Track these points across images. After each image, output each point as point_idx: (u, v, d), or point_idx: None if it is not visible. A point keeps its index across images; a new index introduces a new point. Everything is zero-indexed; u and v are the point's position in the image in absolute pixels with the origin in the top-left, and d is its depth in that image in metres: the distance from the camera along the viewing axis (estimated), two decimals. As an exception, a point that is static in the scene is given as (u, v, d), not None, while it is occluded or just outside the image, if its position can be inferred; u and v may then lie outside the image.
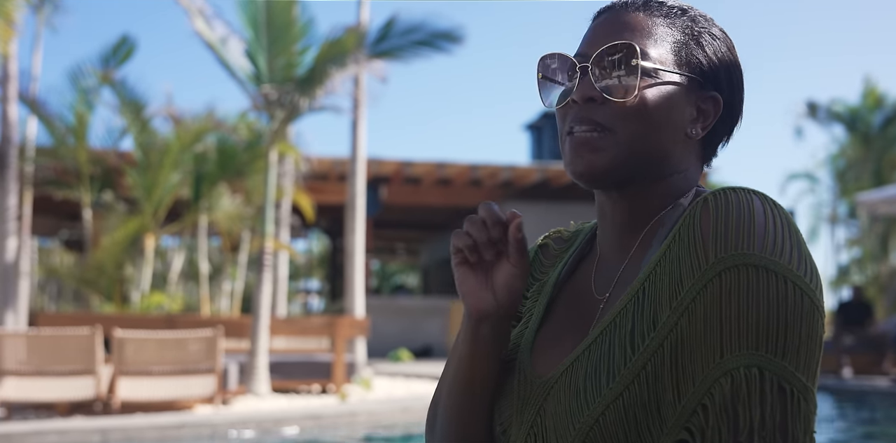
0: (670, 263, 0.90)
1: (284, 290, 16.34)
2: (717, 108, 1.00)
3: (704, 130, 1.00)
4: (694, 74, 0.99)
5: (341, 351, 10.38)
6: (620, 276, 1.00)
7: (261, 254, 10.32)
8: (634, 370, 0.88)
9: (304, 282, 39.40)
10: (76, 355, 8.10)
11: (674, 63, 0.99)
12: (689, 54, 1.00)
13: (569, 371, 0.95)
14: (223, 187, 15.75)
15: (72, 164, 14.84)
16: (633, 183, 0.99)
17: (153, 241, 15.02)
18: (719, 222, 0.87)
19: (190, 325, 9.82)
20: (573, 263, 1.11)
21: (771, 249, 0.85)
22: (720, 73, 1.01)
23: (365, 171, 13.34)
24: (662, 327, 0.88)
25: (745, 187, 0.91)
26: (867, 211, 14.58)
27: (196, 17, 10.36)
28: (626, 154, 0.96)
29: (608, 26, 1.01)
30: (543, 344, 1.04)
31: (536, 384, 0.99)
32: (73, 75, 15.19)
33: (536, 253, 1.18)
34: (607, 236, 1.05)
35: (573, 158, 0.98)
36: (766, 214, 0.87)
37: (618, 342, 0.91)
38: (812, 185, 24.43)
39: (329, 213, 18.71)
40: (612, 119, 0.97)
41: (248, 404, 9.15)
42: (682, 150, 1.00)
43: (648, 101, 0.96)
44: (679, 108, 0.98)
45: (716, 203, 0.89)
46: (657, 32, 0.99)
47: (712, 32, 1.02)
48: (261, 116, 12.27)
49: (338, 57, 10.30)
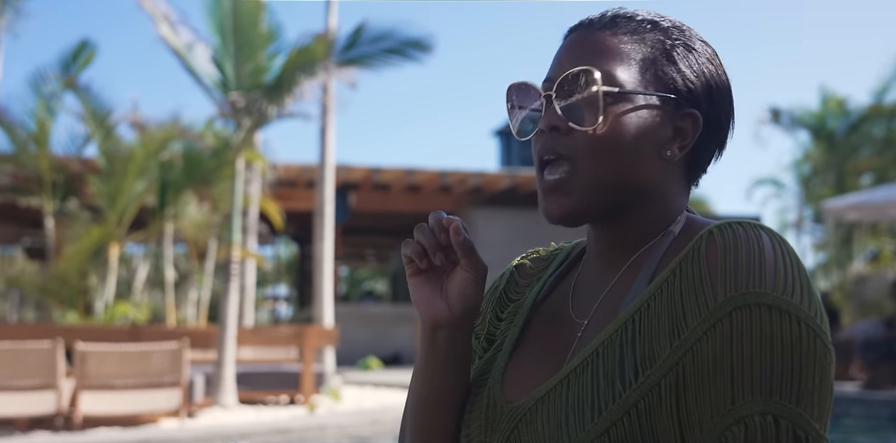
0: (669, 298, 0.85)
1: (252, 298, 16.17)
2: (696, 125, 0.94)
3: (683, 149, 0.94)
4: (667, 92, 0.93)
5: (310, 361, 10.26)
6: (602, 301, 0.95)
7: (228, 263, 10.18)
8: (625, 407, 0.83)
9: (272, 289, 39.12)
10: (36, 368, 7.91)
11: (643, 83, 0.93)
12: (660, 71, 0.94)
13: (545, 400, 0.90)
14: (189, 195, 15.56)
15: (33, 171, 14.59)
16: (613, 214, 0.95)
17: (118, 249, 14.78)
18: (728, 259, 0.82)
19: (155, 336, 9.64)
20: (551, 285, 1.06)
21: (783, 289, 0.80)
22: (697, 88, 0.94)
23: (333, 177, 13.23)
24: (661, 365, 0.82)
25: (751, 221, 0.86)
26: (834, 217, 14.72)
27: (161, 22, 10.21)
28: (597, 190, 0.92)
29: (573, 49, 0.96)
30: (516, 368, 0.99)
31: (506, 410, 0.94)
32: (34, 81, 14.95)
33: (512, 273, 1.13)
34: (591, 262, 1.01)
35: (545, 203, 0.95)
36: (776, 251, 0.82)
37: (602, 374, 0.86)
38: (778, 190, 24.68)
39: (297, 220, 18.57)
40: (578, 150, 0.92)
41: (215, 416, 9.00)
42: (662, 172, 0.94)
43: (616, 127, 0.91)
44: (651, 130, 0.92)
45: (723, 238, 0.84)
46: (623, 51, 0.93)
47: (688, 44, 0.96)
48: (228, 124, 12.12)
49: (306, 64, 10.20)
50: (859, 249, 20.93)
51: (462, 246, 0.94)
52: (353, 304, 26.00)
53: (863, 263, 21.19)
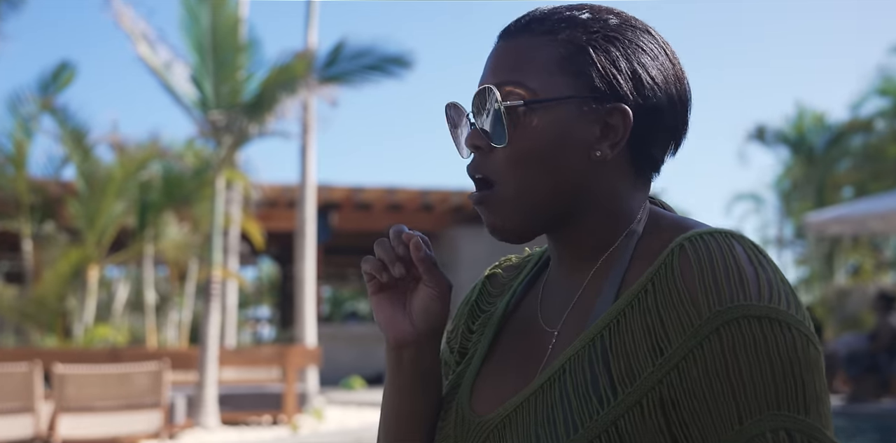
0: (643, 315, 0.81)
1: (234, 319, 16.04)
2: (625, 120, 0.88)
3: (615, 147, 0.89)
4: (584, 91, 0.88)
5: (292, 381, 10.16)
6: (572, 310, 0.92)
7: (208, 283, 10.09)
8: (602, 424, 0.80)
9: (253, 310, 38.86)
10: (13, 391, 7.76)
11: (556, 86, 0.88)
12: (575, 70, 0.88)
13: (515, 415, 0.87)
14: (169, 216, 15.45)
15: (11, 194, 14.45)
16: (557, 222, 0.91)
17: (97, 272, 14.64)
18: (705, 273, 0.79)
19: (135, 358, 9.51)
20: (521, 292, 1.02)
21: (768, 297, 0.78)
22: (621, 81, 0.88)
23: (315, 197, 13.18)
24: (643, 383, 0.80)
25: (720, 230, 0.83)
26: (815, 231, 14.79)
27: (139, 41, 10.17)
28: (520, 208, 0.90)
29: (490, 62, 0.94)
30: (485, 381, 0.96)
31: (474, 425, 0.91)
32: (12, 102, 14.83)
33: (484, 284, 1.09)
34: (556, 268, 0.97)
35: (484, 221, 0.93)
36: (752, 259, 0.80)
37: (573, 391, 0.83)
38: (757, 205, 24.83)
39: (279, 240, 18.47)
40: (499, 168, 0.90)
41: (197, 438, 8.88)
42: (600, 174, 0.89)
43: (533, 138, 0.88)
44: (574, 132, 0.88)
45: (695, 251, 0.80)
46: (535, 56, 0.89)
47: (608, 35, 0.89)
48: (208, 143, 12.07)
49: (286, 82, 10.18)
50: (840, 263, 21.06)
51: (423, 261, 0.93)
52: (336, 324, 25.86)
53: (844, 276, 21.32)
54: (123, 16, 10.11)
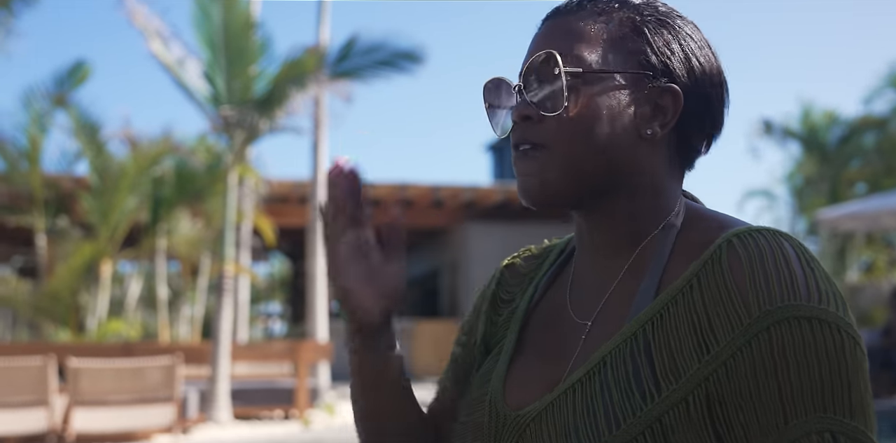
0: (688, 310, 0.81)
1: (245, 314, 16.09)
2: (676, 101, 0.89)
3: (664, 127, 0.90)
4: (639, 69, 0.90)
5: (304, 376, 10.19)
6: (607, 302, 0.91)
7: (221, 278, 10.13)
8: (646, 421, 0.80)
9: (265, 305, 38.95)
10: (28, 385, 7.82)
11: (612, 62, 0.89)
12: (631, 48, 0.90)
13: (552, 408, 0.86)
14: (182, 211, 15.49)
15: (25, 189, 14.51)
16: (594, 199, 0.91)
17: (110, 266, 14.71)
18: (755, 271, 0.79)
19: (148, 352, 9.56)
20: (546, 284, 1.01)
21: (818, 299, 0.78)
22: (674, 63, 0.90)
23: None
24: (689, 380, 0.80)
25: (768, 228, 0.83)
26: (827, 228, 14.72)
27: (153, 38, 10.20)
28: (570, 172, 0.89)
29: (540, 38, 0.94)
30: (518, 375, 0.95)
31: (510, 419, 0.90)
32: (26, 98, 14.90)
33: (502, 274, 1.08)
34: (586, 257, 0.96)
35: (519, 184, 0.92)
36: (801, 259, 0.80)
37: (615, 385, 0.83)
38: (770, 202, 24.72)
39: (290, 236, 18.51)
40: (549, 136, 0.89)
41: (209, 432, 8.92)
42: (646, 153, 0.90)
43: (587, 109, 0.88)
44: (626, 109, 0.89)
45: (745, 249, 0.81)
46: (589, 32, 0.90)
47: (661, 19, 0.92)
48: (220, 138, 12.10)
49: (298, 77, 10.20)
50: (853, 259, 20.96)
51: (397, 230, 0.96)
52: (347, 320, 25.85)
53: (857, 273, 21.22)
54: (137, 13, 10.15)
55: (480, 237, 18.98)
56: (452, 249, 20.14)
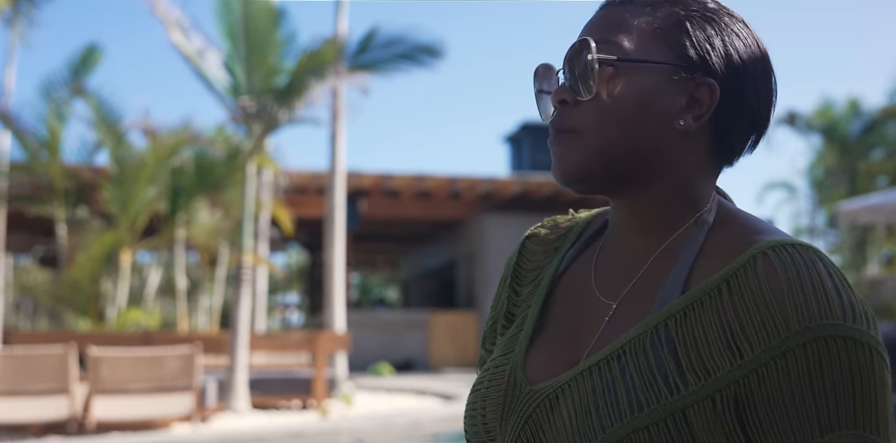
0: (717, 313, 0.83)
1: (263, 305, 16.17)
2: (712, 95, 0.90)
3: (698, 120, 0.90)
4: (678, 61, 0.91)
5: (322, 366, 10.24)
6: (633, 286, 0.92)
7: (239, 268, 10.18)
8: (668, 410, 0.82)
9: (282, 296, 39.14)
10: (49, 373, 7.90)
11: (650, 52, 0.91)
12: (671, 41, 0.91)
13: (570, 386, 0.87)
14: (201, 201, 15.57)
15: (45, 179, 14.62)
16: (625, 184, 0.92)
17: (129, 256, 14.80)
18: (793, 286, 0.80)
19: (167, 341, 9.64)
20: (570, 258, 1.02)
21: (852, 318, 0.80)
22: (714, 58, 0.91)
23: (344, 184, 13.22)
24: (719, 379, 0.81)
25: (802, 243, 0.85)
26: (848, 220, 14.61)
27: (173, 28, 10.23)
28: (601, 155, 0.90)
29: (586, 27, 0.96)
30: (537, 348, 0.96)
31: (524, 392, 0.91)
32: (45, 87, 14.99)
33: (524, 243, 1.09)
34: (617, 236, 0.97)
35: (552, 164, 0.94)
36: (833, 277, 0.82)
37: (636, 372, 0.84)
38: (790, 194, 24.57)
39: (308, 226, 18.57)
40: (583, 120, 0.91)
41: (227, 421, 8.98)
42: (676, 144, 0.91)
43: (621, 95, 0.90)
44: (660, 98, 0.90)
45: (781, 261, 0.82)
46: (632, 23, 0.92)
47: (706, 15, 0.93)
48: (239, 129, 12.14)
49: (317, 68, 10.20)
50: (873, 252, 20.81)
51: None
52: (364, 311, 26.00)
53: (877, 266, 21.07)
54: (158, 3, 10.19)
55: (497, 229, 18.97)
56: (469, 240, 20.14)
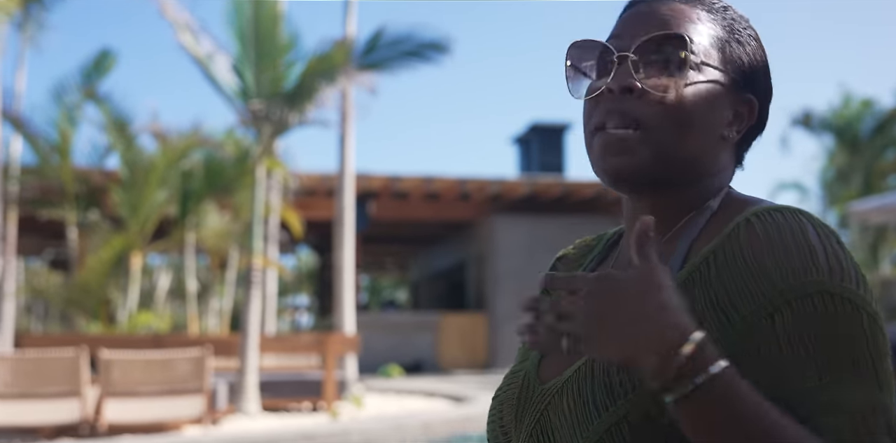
0: (705, 286, 0.82)
1: (273, 307, 16.19)
2: (752, 112, 0.95)
3: (739, 134, 0.94)
4: (735, 74, 0.93)
5: (332, 368, 10.24)
6: None
7: (249, 271, 10.19)
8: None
9: (292, 298, 39.18)
10: (61, 376, 7.92)
11: (717, 60, 0.92)
12: (732, 53, 0.94)
13: (571, 380, 0.88)
14: (210, 204, 15.60)
15: (56, 182, 14.68)
16: (663, 186, 0.92)
17: (140, 259, 14.85)
18: (776, 247, 0.80)
19: (178, 344, 9.65)
20: (593, 268, 1.05)
21: (840, 276, 0.79)
22: (758, 76, 0.95)
23: (353, 186, 13.23)
24: None
25: (788, 206, 0.84)
26: (859, 220, 14.56)
27: (182, 31, 10.26)
28: (658, 156, 0.89)
29: (648, 16, 0.93)
30: (553, 354, 0.96)
31: (536, 392, 0.94)
32: (57, 92, 15.06)
33: (555, 264, 1.12)
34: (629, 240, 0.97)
35: (602, 156, 0.91)
36: (820, 236, 0.81)
37: None
38: (801, 195, 24.45)
39: (317, 228, 18.59)
40: (648, 114, 0.89)
41: (238, 424, 8.99)
42: (720, 152, 0.93)
43: (689, 97, 0.89)
44: (718, 108, 0.91)
45: (763, 226, 0.82)
46: (702, 26, 0.93)
47: (750, 33, 0.97)
48: (248, 132, 12.16)
49: (326, 71, 10.21)
50: (885, 252, 20.70)
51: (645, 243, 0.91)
52: (374, 313, 25.97)
53: (889, 266, 20.95)
54: (167, 6, 10.21)
55: (507, 230, 18.96)
56: (479, 241, 20.13)
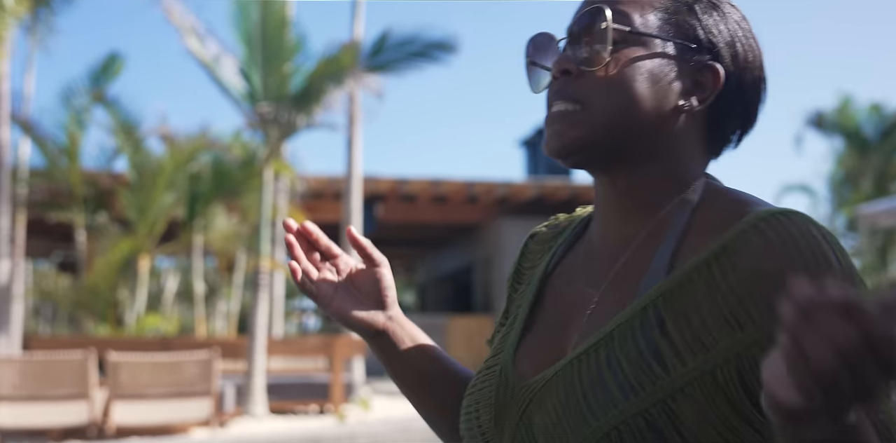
0: (711, 289, 0.80)
1: (281, 309, 16.21)
2: (716, 79, 0.89)
3: (702, 102, 0.89)
4: (690, 42, 0.90)
5: (339, 371, 10.24)
6: (617, 273, 0.89)
7: (256, 273, 10.21)
8: (667, 390, 0.79)
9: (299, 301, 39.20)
10: (69, 379, 7.95)
11: (661, 29, 0.89)
12: (682, 21, 0.90)
13: (559, 377, 0.85)
14: (218, 207, 15.63)
15: (65, 185, 14.73)
16: (618, 161, 0.90)
17: (147, 262, 14.88)
18: (793, 256, 0.78)
19: (185, 346, 9.68)
20: (563, 251, 1.01)
21: (851, 282, 0.78)
22: (720, 44, 0.90)
23: (361, 189, 13.24)
24: (719, 354, 0.79)
25: (794, 211, 0.82)
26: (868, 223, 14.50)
27: (189, 35, 10.29)
28: (602, 128, 0.88)
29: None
30: (528, 343, 0.94)
31: (517, 389, 0.89)
32: (65, 95, 15.12)
33: (526, 243, 1.09)
34: (600, 224, 0.96)
35: (547, 134, 0.90)
36: (830, 243, 0.79)
37: (623, 357, 0.82)
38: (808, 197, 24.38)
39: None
40: (588, 91, 0.88)
41: (246, 426, 9.00)
42: (678, 126, 0.90)
43: (630, 69, 0.87)
44: (668, 77, 0.88)
45: (776, 233, 0.79)
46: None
47: (713, 2, 0.92)
48: (255, 135, 12.19)
49: (334, 73, 10.23)
50: (894, 255, 20.62)
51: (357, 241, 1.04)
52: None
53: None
54: (173, 10, 10.25)
55: (514, 233, 18.93)
56: (486, 244, 20.12)
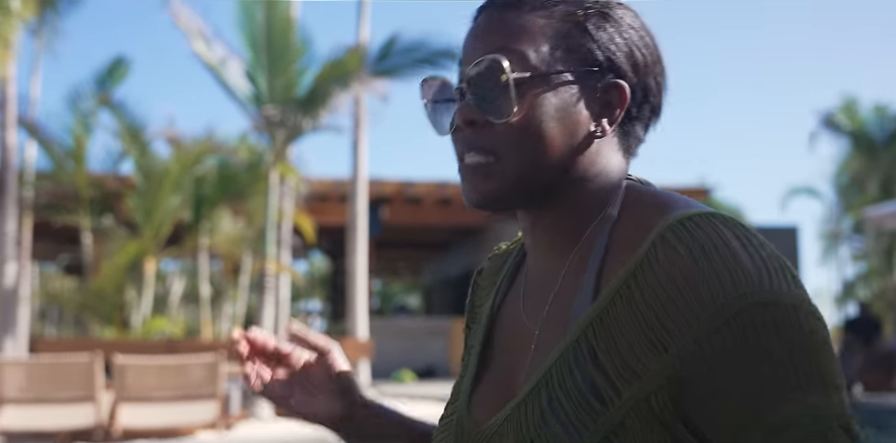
0: (632, 311, 0.78)
1: (286, 312, 16.22)
2: (622, 96, 0.87)
3: (613, 123, 0.87)
4: (585, 67, 0.86)
5: (345, 374, 10.25)
6: (551, 305, 0.88)
7: (262, 276, 10.23)
8: (609, 426, 0.77)
9: (305, 303, 39.24)
10: (76, 381, 7.96)
11: (557, 61, 0.86)
12: (575, 45, 0.86)
13: (507, 424, 0.84)
14: (224, 210, 15.66)
15: (71, 188, 14.77)
16: (538, 202, 0.88)
17: (153, 265, 14.91)
18: (700, 264, 0.75)
19: (191, 349, 9.69)
20: (506, 288, 0.98)
21: (768, 281, 0.74)
22: (619, 58, 0.87)
23: (366, 191, 13.25)
24: (650, 380, 0.76)
25: (700, 213, 0.79)
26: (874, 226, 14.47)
27: (195, 38, 10.32)
28: (516, 178, 0.85)
29: (479, 34, 0.89)
30: (481, 390, 0.93)
31: (472, 436, 0.88)
32: (72, 98, 15.17)
33: (475, 281, 1.07)
34: (532, 258, 0.94)
35: (465, 187, 0.88)
36: (742, 241, 0.76)
37: (564, 396, 0.80)
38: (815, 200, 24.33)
39: (330, 234, 18.62)
40: (498, 142, 0.85)
41: (252, 429, 9.01)
42: (595, 149, 0.88)
43: (536, 112, 0.85)
44: (574, 109, 0.86)
45: (681, 242, 0.77)
46: (532, 31, 0.86)
47: (603, 12, 0.88)
48: (261, 137, 12.21)
49: (340, 77, 10.25)
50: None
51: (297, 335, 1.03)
52: (386, 318, 26.00)
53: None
54: (180, 14, 10.28)
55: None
56: (490, 247, 20.04)
